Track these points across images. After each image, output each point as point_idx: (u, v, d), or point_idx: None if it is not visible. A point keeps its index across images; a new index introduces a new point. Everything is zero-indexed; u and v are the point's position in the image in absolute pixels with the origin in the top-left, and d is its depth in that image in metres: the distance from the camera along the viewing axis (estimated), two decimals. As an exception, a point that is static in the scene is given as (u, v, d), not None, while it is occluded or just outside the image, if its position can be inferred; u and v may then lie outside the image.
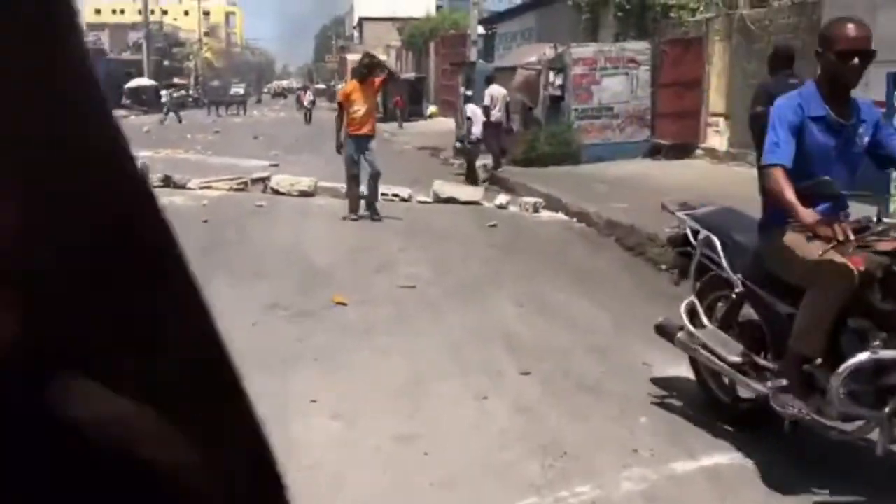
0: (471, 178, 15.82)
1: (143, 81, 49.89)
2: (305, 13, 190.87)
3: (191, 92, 60.21)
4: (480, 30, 30.86)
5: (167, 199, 11.75)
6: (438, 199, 12.70)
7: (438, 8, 54.49)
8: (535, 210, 12.11)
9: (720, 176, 14.26)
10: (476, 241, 9.44)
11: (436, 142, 25.17)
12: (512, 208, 12.28)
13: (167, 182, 13.00)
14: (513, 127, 17.16)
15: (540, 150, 17.19)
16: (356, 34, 68.79)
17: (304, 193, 12.61)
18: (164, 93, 35.48)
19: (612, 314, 6.34)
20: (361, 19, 64.71)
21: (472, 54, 26.43)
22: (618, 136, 17.65)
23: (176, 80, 60.48)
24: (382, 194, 12.66)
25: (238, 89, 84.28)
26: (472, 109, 16.71)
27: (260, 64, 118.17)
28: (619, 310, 6.49)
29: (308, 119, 36.53)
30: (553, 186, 13.39)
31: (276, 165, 17.52)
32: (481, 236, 9.80)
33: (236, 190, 12.84)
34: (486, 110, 16.20)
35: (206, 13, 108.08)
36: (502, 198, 12.78)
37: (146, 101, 49.70)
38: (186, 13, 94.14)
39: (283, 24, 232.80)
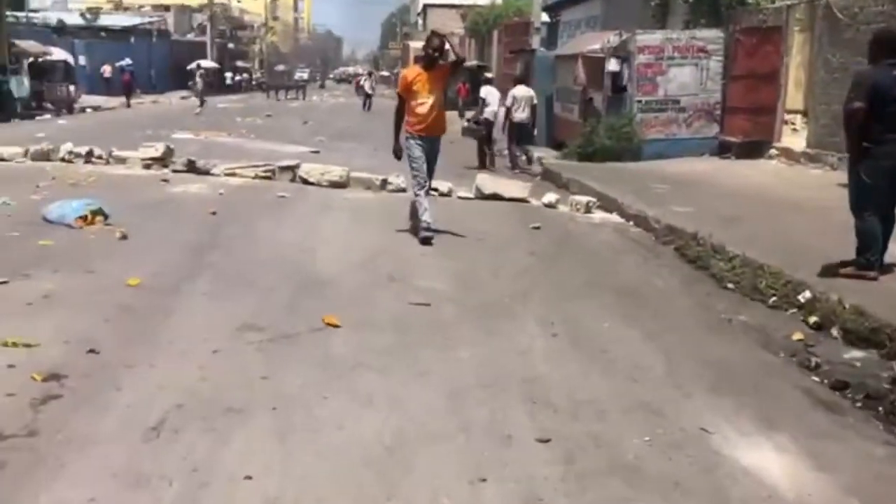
0: (482, 160, 15.71)
1: (206, 63, 49.47)
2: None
3: (254, 75, 59.93)
4: (544, 17, 29.47)
5: (183, 186, 10.77)
6: (481, 196, 11.47)
7: (503, -5, 52.97)
8: (587, 210, 10.81)
9: (795, 179, 12.73)
10: (514, 246, 8.19)
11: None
12: (561, 208, 11.00)
13: (191, 167, 12.02)
14: (533, 131, 16.65)
15: (597, 144, 15.84)
16: (420, 21, 67.60)
17: (334, 184, 11.50)
18: (198, 74, 34.31)
19: (665, 351, 5.06)
20: (426, 6, 63.46)
21: (535, 42, 25.12)
22: (683, 131, 16.17)
23: (239, 64, 60.36)
24: (420, 188, 11.51)
25: (302, 74, 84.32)
26: (488, 91, 16.47)
27: (326, 50, 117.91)
28: (673, 345, 5.20)
29: (367, 106, 35.31)
30: (609, 184, 12.06)
31: (316, 152, 16.50)
32: (521, 240, 8.55)
33: (262, 178, 11.79)
34: (508, 111, 15.89)
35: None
36: (551, 196, 11.48)
37: (210, 83, 49.44)
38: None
39: (351, 10, 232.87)
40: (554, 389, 4.34)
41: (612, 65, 16.48)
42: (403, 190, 11.52)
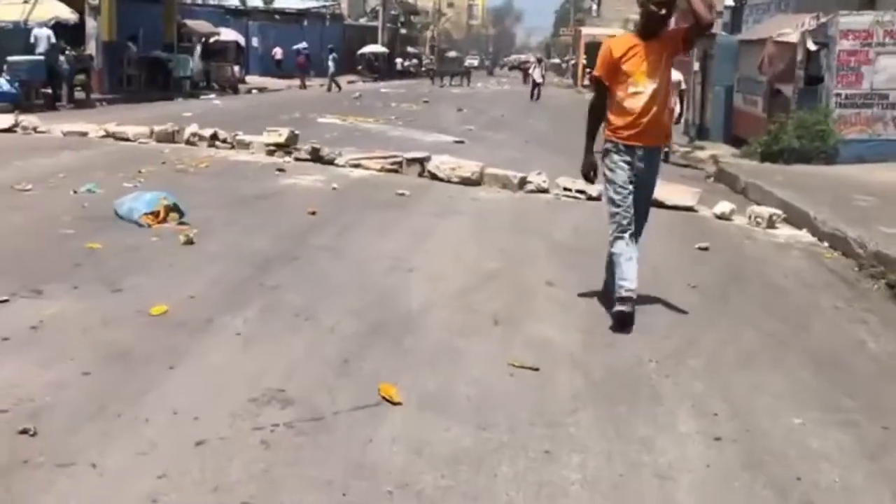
0: None
1: (376, 48, 49.27)
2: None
3: (424, 61, 59.40)
4: (728, 2, 26.70)
5: (296, 178, 9.52)
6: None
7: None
8: (770, 225, 8.70)
9: None
10: (670, 275, 6.29)
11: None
12: (737, 220, 8.95)
13: (314, 155, 10.78)
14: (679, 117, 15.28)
15: (784, 143, 13.42)
16: (594, 6, 64.90)
17: (465, 181, 9.91)
18: (330, 58, 33.01)
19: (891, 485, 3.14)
20: (601, -9, 60.79)
21: (717, 26, 22.60)
22: (891, 131, 13.45)
23: (409, 49, 60.00)
24: (565, 189, 9.76)
25: (472, 61, 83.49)
26: None
27: (499, 37, 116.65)
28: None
29: (535, 96, 33.03)
30: (797, 193, 9.82)
31: (460, 142, 14.99)
32: (681, 267, 6.64)
33: (388, 170, 10.37)
34: None
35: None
36: (725, 205, 9.40)
37: (378, 67, 49.26)
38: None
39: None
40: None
41: (807, 48, 13.98)
42: (545, 191, 9.80)
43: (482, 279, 5.75)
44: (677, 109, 14.74)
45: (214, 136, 11.56)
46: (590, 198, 9.63)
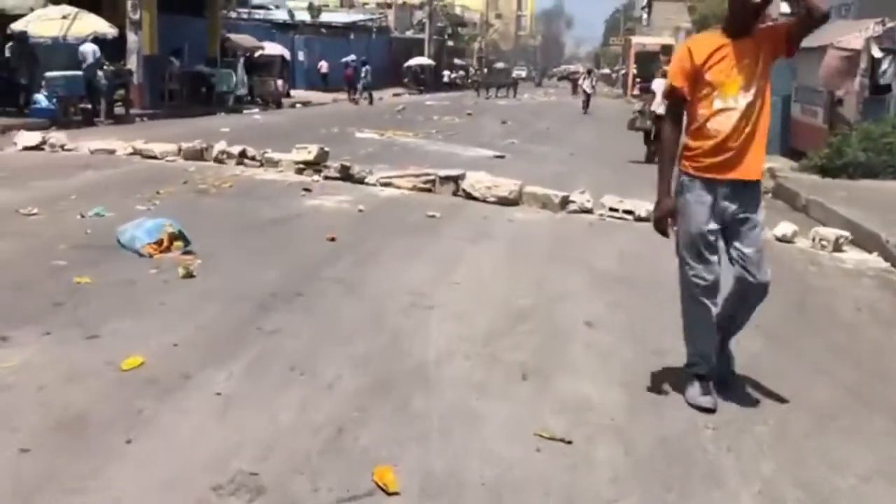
0: (649, 154, 14.83)
1: (422, 60, 48.84)
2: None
3: (471, 73, 58.84)
4: (784, 7, 25.57)
5: (322, 198, 8.93)
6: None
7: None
8: (836, 248, 7.87)
9: None
10: (728, 312, 5.51)
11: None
12: (800, 242, 8.14)
13: (344, 173, 10.19)
14: None
15: (848, 157, 12.47)
16: (644, 15, 63.77)
17: (501, 200, 9.22)
18: (364, 69, 31.96)
19: None
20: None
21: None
22: (966, 143, 12.43)
23: (456, 61, 59.50)
24: (611, 209, 9.03)
25: (520, 72, 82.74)
26: (659, 83, 15.16)
27: (547, 46, 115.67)
28: None
29: (586, 107, 31.73)
30: (865, 211, 8.95)
31: (500, 157, 14.32)
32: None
33: (420, 189, 9.73)
34: None
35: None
36: (786, 226, 8.58)
37: (424, 80, 48.83)
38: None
39: (577, 5, 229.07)
40: None
41: (872, 55, 13.07)
42: (589, 211, 9.07)
43: (512, 319, 5.05)
44: None
45: (243, 154, 11.05)
46: (638, 219, 8.88)
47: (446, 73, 54.54)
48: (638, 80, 39.49)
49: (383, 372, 4.04)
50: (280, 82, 28.66)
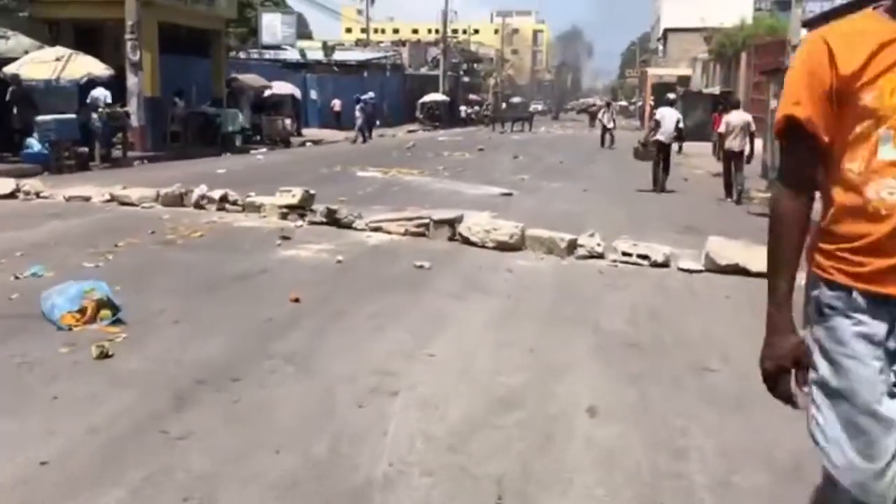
0: (655, 182, 14.79)
1: (436, 97, 48.16)
2: (614, 28, 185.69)
3: (486, 108, 58.16)
4: (804, 33, 24.64)
5: (299, 248, 7.96)
6: (714, 268, 7.73)
7: (758, 10, 47.35)
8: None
9: None
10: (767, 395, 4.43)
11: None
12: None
13: (330, 218, 9.24)
14: (749, 157, 14.03)
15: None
16: (660, 47, 62.96)
17: (501, 246, 8.21)
18: (357, 107, 30.20)
19: None
20: (667, 30, 58.86)
21: (791, 62, 20.60)
22: None
23: (471, 97, 58.86)
24: (624, 254, 8.02)
25: (537, 106, 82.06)
26: (664, 113, 15.37)
27: (564, 81, 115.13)
28: None
29: (606, 142, 29.17)
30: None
31: (508, 195, 13.35)
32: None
33: (413, 234, 8.75)
34: (721, 138, 14.48)
35: (515, 31, 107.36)
36: (822, 270, 7.49)
37: (439, 116, 48.11)
38: (496, 31, 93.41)
39: (593, 39, 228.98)
40: None
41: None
42: (599, 256, 8.04)
43: (495, 408, 4.01)
44: (747, 149, 13.76)
45: (224, 199, 10.14)
46: (654, 264, 7.84)
47: (463, 108, 53.87)
48: (654, 111, 38.45)
49: (311, 503, 3.01)
50: (288, 121, 27.94)
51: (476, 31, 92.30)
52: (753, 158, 14.04)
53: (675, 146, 16.11)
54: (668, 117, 15.07)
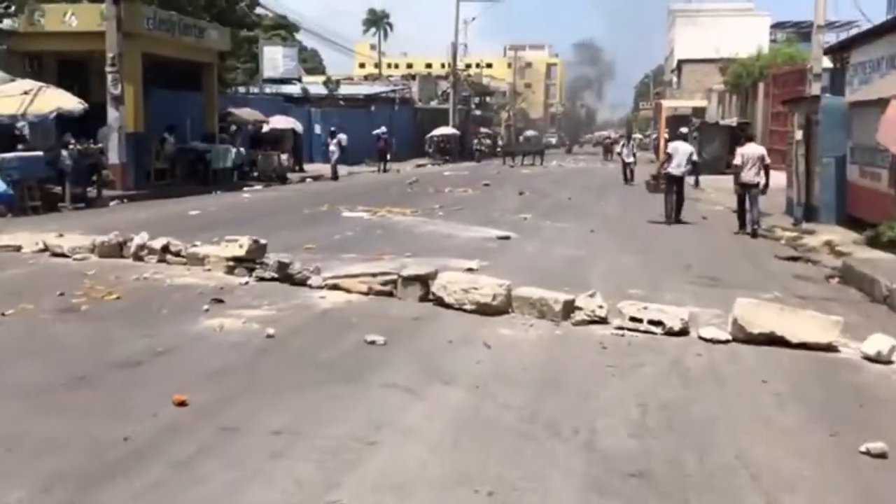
0: (668, 213, 14.61)
1: (446, 130, 46.82)
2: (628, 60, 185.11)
3: (499, 142, 56.81)
4: (826, 62, 23.06)
5: (225, 317, 6.40)
6: (744, 337, 6.14)
7: (772, 41, 45.83)
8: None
9: None
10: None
11: (760, 204, 17.90)
12: (904, 364, 5.48)
13: (282, 274, 7.71)
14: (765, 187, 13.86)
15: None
16: (675, 78, 61.55)
17: (482, 309, 6.64)
18: (332, 142, 27.89)
19: None
20: (681, 62, 57.47)
21: (814, 91, 18.97)
22: None
23: (483, 130, 57.50)
24: (632, 319, 6.46)
25: (551, 139, 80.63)
26: (675, 146, 15.47)
27: (578, 114, 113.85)
28: None
29: (628, 178, 25.99)
30: None
31: (505, 238, 11.80)
32: (833, 479, 3.19)
33: (378, 294, 7.19)
34: (738, 170, 13.76)
35: (528, 64, 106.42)
36: (881, 340, 5.96)
37: (448, 149, 46.76)
38: (509, 65, 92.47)
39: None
40: None
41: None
42: (601, 320, 6.48)
43: None
44: (762, 181, 13.47)
45: (166, 249, 8.64)
46: (669, 332, 6.25)
47: (475, 142, 52.48)
48: (668, 144, 36.81)
49: None
50: (284, 157, 26.55)
51: (489, 65, 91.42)
52: (771, 192, 13.93)
53: (690, 179, 16.18)
54: (681, 151, 15.11)
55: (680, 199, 14.85)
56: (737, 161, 13.71)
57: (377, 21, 76.36)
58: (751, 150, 13.59)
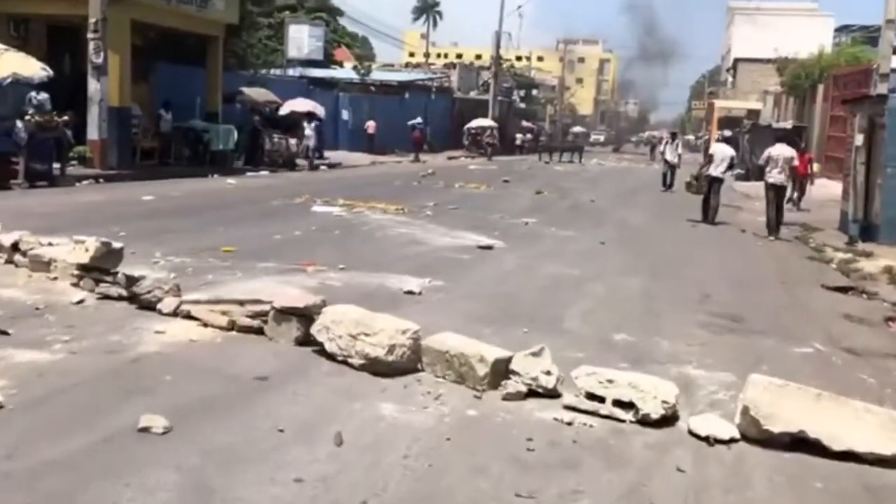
0: (705, 214, 14.52)
1: (484, 122, 44.38)
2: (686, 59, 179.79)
3: (542, 136, 54.19)
4: (895, 62, 20.18)
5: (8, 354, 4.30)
6: (758, 435, 3.87)
7: (836, 44, 42.48)
8: None
9: None
10: None
11: (810, 217, 15.39)
12: None
13: (130, 292, 5.59)
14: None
15: None
16: (730, 78, 58.20)
17: (376, 365, 4.45)
18: (310, 126, 23.90)
19: None
20: (737, 60, 54.17)
21: (882, 89, 16.32)
22: None
23: (525, 123, 54.88)
24: (588, 396, 4.17)
25: (599, 136, 77.63)
26: (715, 148, 15.52)
27: (629, 112, 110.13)
28: None
29: (667, 183, 22.13)
30: None
31: (487, 248, 9.60)
32: None
33: (243, 329, 5.04)
34: (761, 170, 14.02)
35: (581, 59, 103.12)
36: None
37: (486, 142, 44.31)
38: (561, 59, 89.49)
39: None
40: None
41: None
42: (548, 394, 4.24)
43: None
44: (788, 184, 13.78)
45: (16, 247, 6.61)
46: (644, 421, 4.01)
47: (518, 136, 49.91)
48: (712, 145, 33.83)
49: None
50: (294, 141, 24.48)
51: (540, 59, 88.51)
52: (823, 203, 14.24)
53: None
54: (720, 152, 14.93)
55: (716, 201, 14.72)
56: (761, 161, 13.68)
57: (426, 9, 74.23)
58: (778, 151, 13.37)
